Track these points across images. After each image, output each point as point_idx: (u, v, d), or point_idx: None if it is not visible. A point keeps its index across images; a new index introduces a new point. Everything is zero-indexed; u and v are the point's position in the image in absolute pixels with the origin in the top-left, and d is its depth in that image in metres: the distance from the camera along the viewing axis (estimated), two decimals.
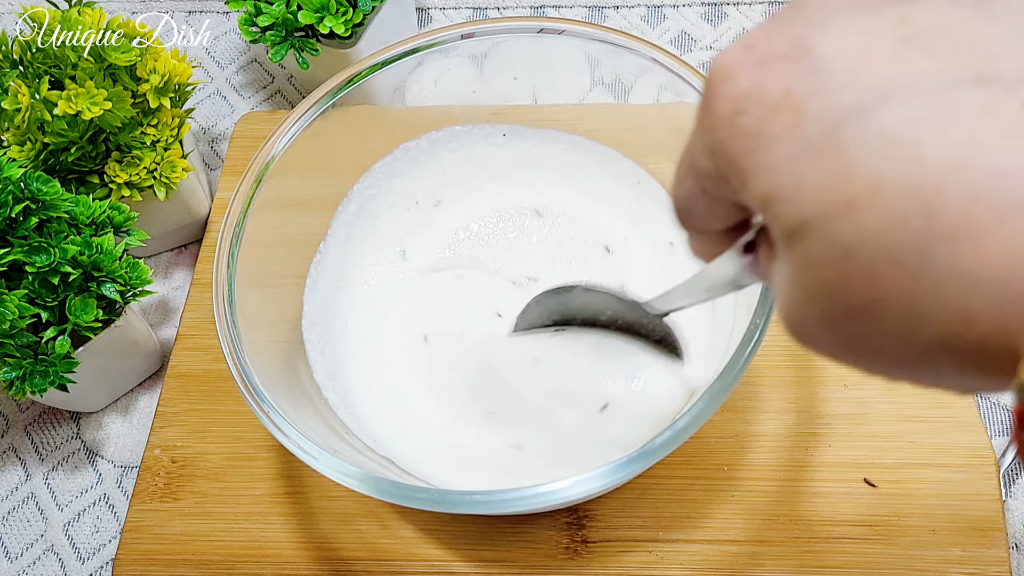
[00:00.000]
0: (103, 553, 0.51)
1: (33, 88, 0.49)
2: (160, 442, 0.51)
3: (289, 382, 0.44)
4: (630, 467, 0.36)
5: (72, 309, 0.47)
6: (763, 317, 0.38)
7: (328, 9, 0.57)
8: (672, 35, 0.66)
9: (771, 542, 0.46)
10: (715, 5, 0.67)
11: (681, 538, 0.46)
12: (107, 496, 0.53)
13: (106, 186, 0.53)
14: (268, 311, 0.46)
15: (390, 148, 0.53)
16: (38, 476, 0.54)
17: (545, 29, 0.47)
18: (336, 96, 0.47)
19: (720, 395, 0.37)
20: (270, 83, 0.67)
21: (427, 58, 0.48)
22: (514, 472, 0.44)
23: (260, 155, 0.45)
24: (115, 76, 0.52)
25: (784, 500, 0.47)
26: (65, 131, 0.50)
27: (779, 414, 0.49)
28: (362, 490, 0.36)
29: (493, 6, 0.69)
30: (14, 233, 0.46)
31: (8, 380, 0.46)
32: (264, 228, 0.45)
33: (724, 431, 0.48)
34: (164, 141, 0.54)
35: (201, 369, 0.53)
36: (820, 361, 0.50)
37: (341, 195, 0.52)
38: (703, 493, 0.47)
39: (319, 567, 0.47)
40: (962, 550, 0.45)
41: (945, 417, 0.48)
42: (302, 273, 0.50)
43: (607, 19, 0.67)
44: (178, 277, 0.60)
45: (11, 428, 0.55)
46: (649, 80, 0.47)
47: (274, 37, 0.58)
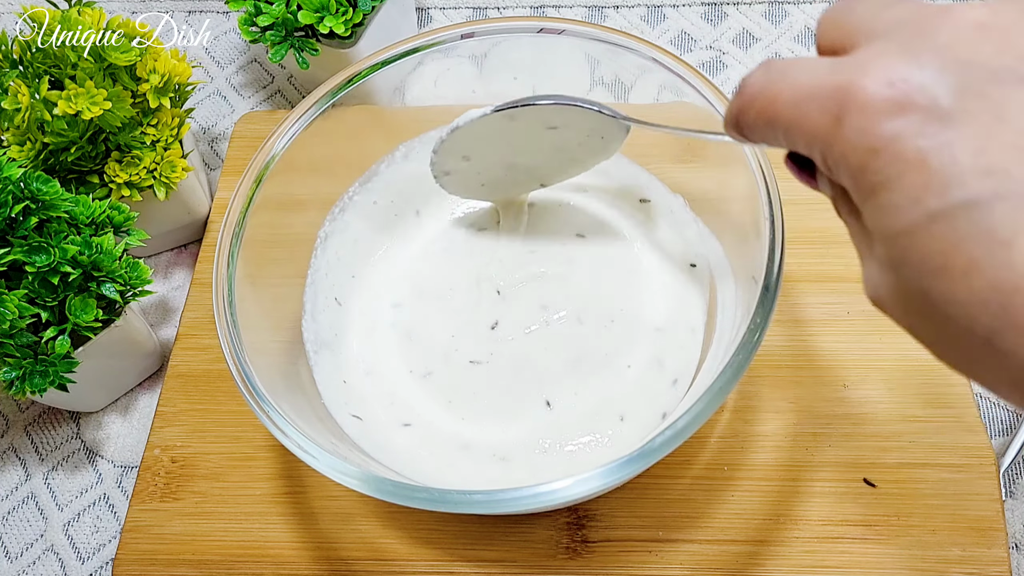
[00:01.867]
0: (103, 553, 0.51)
1: (33, 88, 0.49)
2: (160, 442, 0.51)
3: (289, 382, 0.44)
4: (630, 467, 0.36)
5: (72, 309, 0.47)
6: (763, 317, 0.38)
7: (328, 9, 0.57)
8: (672, 35, 0.66)
9: (771, 542, 0.46)
10: (715, 5, 0.67)
11: (681, 538, 0.46)
12: (107, 496, 0.53)
13: (106, 186, 0.53)
14: (268, 311, 0.46)
15: (390, 148, 0.53)
16: (38, 476, 0.54)
17: (545, 29, 0.47)
18: (336, 96, 0.47)
19: (720, 395, 0.37)
20: (270, 83, 0.67)
21: (427, 58, 0.48)
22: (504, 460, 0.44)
23: (260, 155, 0.45)
24: (115, 76, 0.52)
25: (784, 500, 0.47)
26: (65, 131, 0.50)
27: (779, 414, 0.49)
28: (362, 490, 0.36)
29: (493, 6, 0.69)
30: (14, 233, 0.46)
31: (8, 380, 0.46)
32: (264, 228, 0.45)
33: (724, 431, 0.48)
34: (164, 141, 0.54)
35: (201, 369, 0.53)
36: (820, 361, 0.50)
37: (341, 195, 0.52)
38: (703, 493, 0.47)
39: (319, 567, 0.47)
40: (962, 550, 0.45)
41: (945, 417, 0.48)
42: (302, 273, 0.50)
43: (607, 19, 0.67)
44: (178, 277, 0.60)
45: (11, 428, 0.55)
46: (649, 80, 0.47)
47: (274, 37, 0.58)
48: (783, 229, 0.40)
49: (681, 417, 0.36)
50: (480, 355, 0.48)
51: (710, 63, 0.65)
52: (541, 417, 0.46)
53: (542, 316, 0.49)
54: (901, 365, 0.49)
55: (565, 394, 0.46)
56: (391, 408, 0.47)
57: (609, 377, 0.47)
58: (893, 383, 0.49)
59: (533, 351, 0.48)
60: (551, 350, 0.48)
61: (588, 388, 0.47)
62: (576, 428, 0.45)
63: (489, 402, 0.47)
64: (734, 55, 0.65)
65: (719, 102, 0.44)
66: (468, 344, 0.48)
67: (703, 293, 0.49)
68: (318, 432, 0.40)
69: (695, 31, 0.66)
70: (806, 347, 0.50)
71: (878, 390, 0.49)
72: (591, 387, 0.47)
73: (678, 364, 0.47)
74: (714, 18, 0.66)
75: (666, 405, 0.46)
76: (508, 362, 0.48)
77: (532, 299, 0.49)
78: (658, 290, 0.49)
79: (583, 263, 0.51)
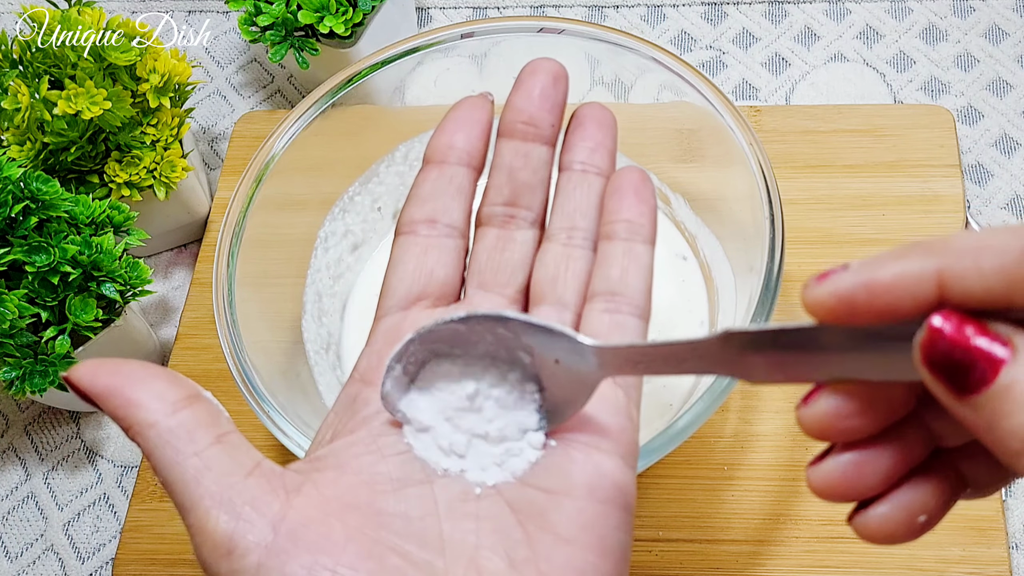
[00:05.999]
0: (103, 553, 0.51)
1: (33, 88, 0.49)
2: None
3: (289, 382, 0.44)
4: None
5: (72, 309, 0.47)
6: (763, 317, 0.38)
7: (328, 9, 0.57)
8: (672, 35, 0.66)
9: (771, 542, 0.46)
10: (715, 5, 0.67)
11: (681, 538, 0.46)
12: (107, 496, 0.53)
13: (106, 186, 0.53)
14: (268, 311, 0.46)
15: (390, 148, 0.53)
16: (38, 476, 0.54)
17: (545, 29, 0.47)
18: (336, 96, 0.47)
19: (720, 395, 0.37)
20: (270, 83, 0.67)
21: (427, 58, 0.48)
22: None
23: (260, 155, 0.45)
24: (115, 76, 0.52)
25: (784, 500, 0.47)
26: (65, 131, 0.50)
27: (779, 414, 0.49)
28: None
29: (493, 6, 0.69)
30: (14, 233, 0.46)
31: (8, 380, 0.46)
32: (264, 228, 0.45)
33: (724, 431, 0.48)
34: (164, 141, 0.54)
35: (201, 369, 0.53)
36: None
37: (341, 195, 0.52)
38: (703, 493, 0.47)
39: None
40: (962, 550, 0.45)
41: None
42: (302, 273, 0.50)
43: (607, 19, 0.67)
44: (178, 277, 0.60)
45: (11, 428, 0.55)
46: (649, 80, 0.47)
47: (274, 37, 0.58)
48: (783, 229, 0.40)
49: (681, 417, 0.36)
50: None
51: (710, 63, 0.65)
52: None
53: None
54: None
55: None
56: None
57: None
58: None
59: None
60: None
61: None
62: None
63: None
64: (734, 55, 0.65)
65: (719, 102, 0.44)
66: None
67: (703, 293, 0.49)
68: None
69: (695, 31, 0.66)
70: None
71: None
72: None
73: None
74: (714, 18, 0.66)
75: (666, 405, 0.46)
76: None
77: None
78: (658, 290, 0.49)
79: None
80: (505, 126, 0.31)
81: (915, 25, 0.64)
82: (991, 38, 0.63)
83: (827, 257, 0.52)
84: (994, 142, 0.59)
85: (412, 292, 0.30)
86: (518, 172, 0.31)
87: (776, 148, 0.56)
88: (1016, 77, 0.61)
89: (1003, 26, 0.63)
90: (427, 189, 0.31)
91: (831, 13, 0.65)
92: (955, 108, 0.60)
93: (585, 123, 0.31)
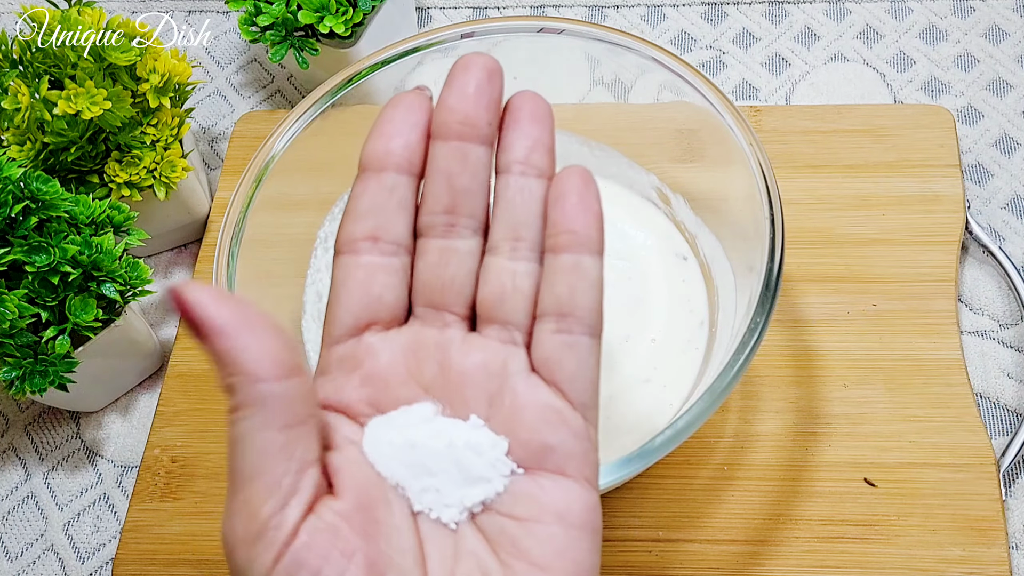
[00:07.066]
0: (103, 553, 0.51)
1: (33, 88, 0.49)
2: (160, 442, 0.51)
3: None
4: (629, 467, 0.36)
5: (72, 309, 0.47)
6: (763, 316, 0.38)
7: (328, 9, 0.57)
8: (672, 35, 0.66)
9: (771, 542, 0.46)
10: (715, 5, 0.67)
11: (681, 538, 0.46)
12: (107, 496, 0.53)
13: (106, 186, 0.53)
14: (268, 311, 0.46)
15: None
16: (38, 476, 0.54)
17: (545, 29, 0.47)
18: (336, 96, 0.47)
19: (720, 395, 0.37)
20: (270, 83, 0.67)
21: (427, 58, 0.48)
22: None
23: (260, 155, 0.45)
24: (115, 76, 0.52)
25: (784, 500, 0.47)
26: (65, 131, 0.50)
27: (779, 414, 0.49)
28: None
29: (493, 6, 0.69)
30: (14, 233, 0.46)
31: (8, 380, 0.46)
32: (264, 228, 0.45)
33: (724, 431, 0.48)
34: (164, 141, 0.54)
35: (201, 369, 0.53)
36: (820, 361, 0.50)
37: (341, 195, 0.52)
38: (703, 493, 0.47)
39: None
40: (962, 550, 0.45)
41: (945, 417, 0.48)
42: (302, 273, 0.50)
43: (607, 19, 0.67)
44: (178, 277, 0.60)
45: (11, 428, 0.55)
46: (649, 80, 0.47)
47: (274, 37, 0.58)
48: (783, 229, 0.40)
49: (681, 417, 0.36)
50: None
51: (710, 63, 0.65)
52: None
53: None
54: (901, 365, 0.49)
55: None
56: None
57: (609, 376, 0.47)
58: (893, 383, 0.49)
59: None
60: None
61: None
62: None
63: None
64: (734, 55, 0.65)
65: (719, 102, 0.44)
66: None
67: (703, 293, 0.49)
68: None
69: (695, 31, 0.66)
70: (806, 347, 0.50)
71: (878, 390, 0.49)
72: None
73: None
74: (714, 18, 0.66)
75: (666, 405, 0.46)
76: None
77: None
78: (658, 290, 0.49)
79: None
80: (439, 127, 0.29)
81: (915, 25, 0.64)
82: (991, 38, 0.63)
83: (827, 257, 0.53)
84: (994, 142, 0.59)
85: (361, 320, 0.29)
86: (457, 177, 0.29)
87: (776, 148, 0.56)
88: (1016, 77, 0.61)
89: (1003, 26, 0.63)
90: (366, 203, 0.30)
91: (831, 13, 0.65)
92: (955, 108, 0.60)
93: (520, 119, 0.29)
